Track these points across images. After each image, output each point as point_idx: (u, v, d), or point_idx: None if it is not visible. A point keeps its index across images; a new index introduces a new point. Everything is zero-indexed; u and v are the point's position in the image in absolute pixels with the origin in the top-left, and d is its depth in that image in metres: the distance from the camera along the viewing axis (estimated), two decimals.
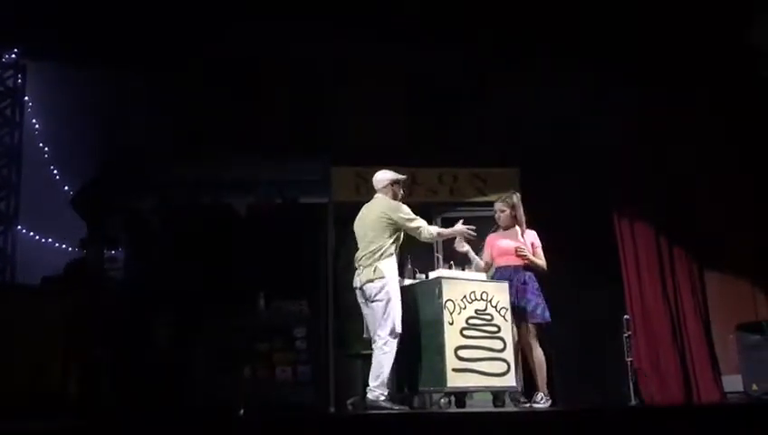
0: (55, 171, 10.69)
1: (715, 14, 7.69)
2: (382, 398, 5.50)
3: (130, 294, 7.33)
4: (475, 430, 3.98)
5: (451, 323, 5.71)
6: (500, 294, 6.04)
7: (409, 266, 6.37)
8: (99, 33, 8.56)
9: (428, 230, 5.83)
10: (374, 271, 5.64)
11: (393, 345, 5.57)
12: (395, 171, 6.06)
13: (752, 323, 7.49)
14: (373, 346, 5.69)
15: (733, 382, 7.61)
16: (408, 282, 6.18)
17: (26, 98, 10.49)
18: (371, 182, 6.04)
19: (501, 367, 5.90)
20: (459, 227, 6.08)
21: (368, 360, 6.60)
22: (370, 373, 5.60)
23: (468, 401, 6.59)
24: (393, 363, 5.61)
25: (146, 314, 7.09)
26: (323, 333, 7.46)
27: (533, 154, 8.29)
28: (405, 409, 5.72)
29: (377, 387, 5.53)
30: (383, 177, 6.06)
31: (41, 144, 10.72)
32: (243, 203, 7.51)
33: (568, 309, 8.00)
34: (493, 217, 7.79)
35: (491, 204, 8.34)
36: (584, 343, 7.93)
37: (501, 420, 4.39)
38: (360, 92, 9.24)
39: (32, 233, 10.66)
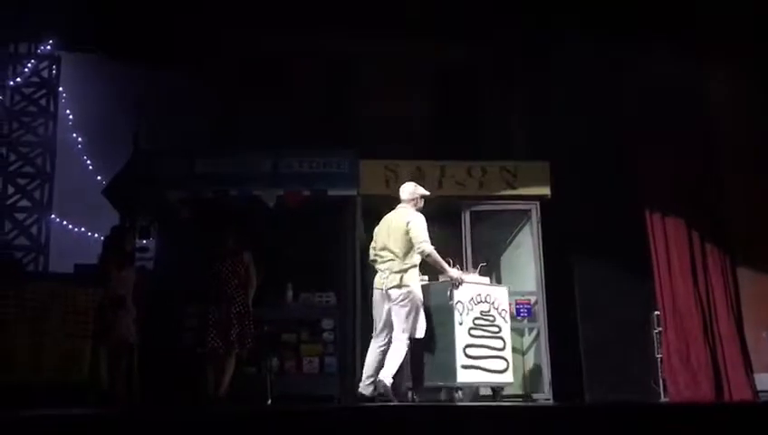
0: (88, 161, 10.82)
1: None
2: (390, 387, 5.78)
3: (160, 283, 7.40)
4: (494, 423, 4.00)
5: (461, 324, 6.26)
6: (500, 297, 6.65)
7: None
8: (133, 26, 8.66)
9: (427, 249, 5.98)
10: (401, 279, 5.94)
11: (406, 344, 5.92)
12: (419, 180, 6.27)
13: None
14: (393, 343, 5.94)
15: (765, 381, 7.50)
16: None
17: (60, 89, 10.64)
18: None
19: (501, 364, 6.47)
20: (456, 274, 6.30)
21: None
22: (385, 366, 5.83)
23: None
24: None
25: (175, 303, 7.17)
26: (350, 326, 7.47)
27: (565, 148, 8.20)
28: (405, 401, 6.11)
29: (386, 377, 5.78)
30: (413, 190, 6.30)
31: (74, 135, 10.85)
32: (272, 195, 7.54)
33: (599, 305, 7.95)
34: (522, 211, 7.78)
35: (520, 198, 8.34)
36: (615, 340, 7.85)
37: (518, 414, 4.39)
38: (389, 87, 9.24)
39: (65, 222, 10.82)
